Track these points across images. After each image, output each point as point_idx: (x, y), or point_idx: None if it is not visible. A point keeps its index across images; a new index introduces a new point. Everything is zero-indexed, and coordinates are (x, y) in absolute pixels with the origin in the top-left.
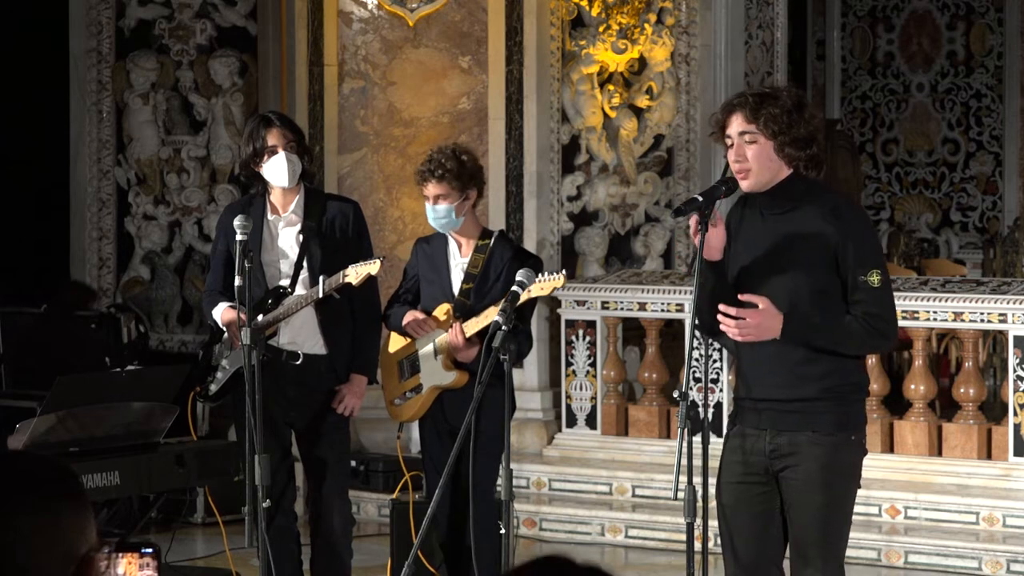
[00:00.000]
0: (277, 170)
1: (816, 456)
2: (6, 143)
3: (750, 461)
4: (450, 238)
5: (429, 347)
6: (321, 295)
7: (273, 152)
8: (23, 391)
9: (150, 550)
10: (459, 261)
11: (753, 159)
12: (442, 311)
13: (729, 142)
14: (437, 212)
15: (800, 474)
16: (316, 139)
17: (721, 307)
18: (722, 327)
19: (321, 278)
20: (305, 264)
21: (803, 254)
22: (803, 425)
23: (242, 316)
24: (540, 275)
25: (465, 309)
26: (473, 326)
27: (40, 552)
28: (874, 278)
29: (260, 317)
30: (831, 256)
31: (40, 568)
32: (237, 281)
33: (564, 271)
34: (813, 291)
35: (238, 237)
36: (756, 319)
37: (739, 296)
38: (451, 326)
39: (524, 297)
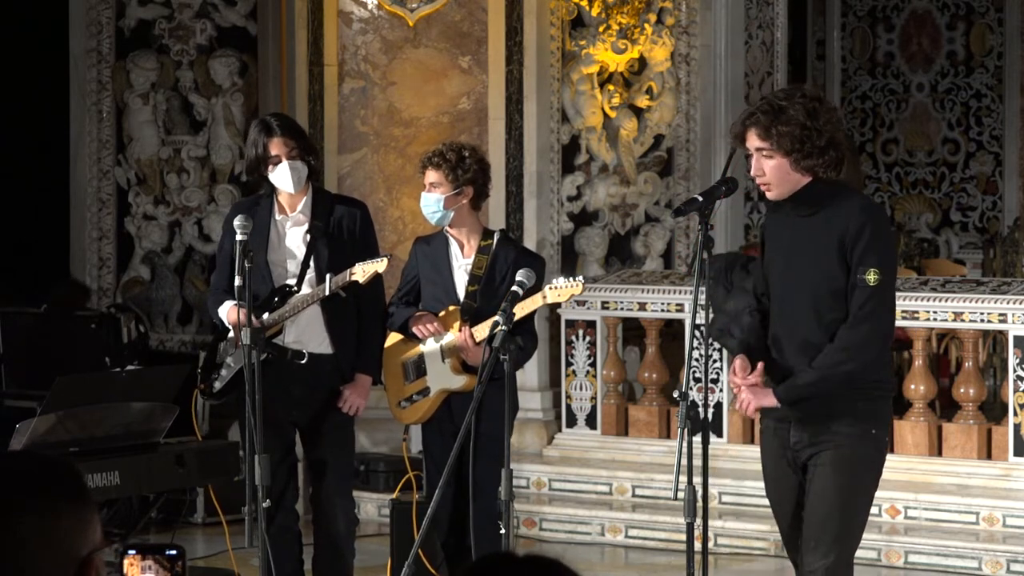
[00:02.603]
0: (282, 179)
1: (835, 447)
2: (6, 143)
3: (779, 454)
4: (450, 238)
5: (435, 350)
6: (327, 293)
7: (276, 162)
8: (23, 391)
9: (174, 552)
10: (462, 262)
11: (771, 174)
12: (450, 314)
13: (748, 155)
14: (427, 200)
15: (820, 462)
16: (316, 139)
17: (736, 368)
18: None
19: (328, 276)
20: (312, 264)
21: (824, 256)
22: (825, 418)
23: (242, 316)
24: (556, 280)
25: (472, 311)
26: (484, 330)
27: (41, 554)
28: (870, 277)
29: (266, 315)
30: (848, 252)
31: (41, 570)
32: (237, 281)
33: (582, 278)
34: (832, 292)
35: (238, 237)
36: (746, 393)
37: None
38: (460, 329)
39: (540, 303)
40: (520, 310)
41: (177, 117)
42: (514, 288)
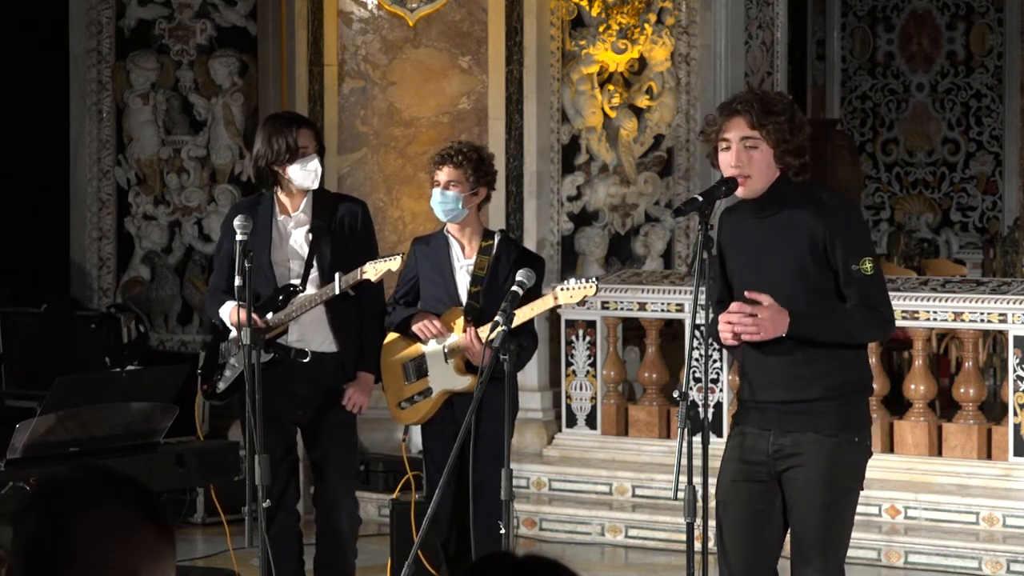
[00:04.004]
0: (308, 172)
1: (819, 457)
2: (6, 143)
3: (752, 460)
4: (451, 239)
5: (438, 350)
6: (337, 291)
7: (306, 154)
8: (23, 391)
9: None
10: (464, 263)
11: (755, 165)
12: (453, 315)
13: (725, 145)
14: (446, 197)
15: (802, 474)
16: None
17: (732, 308)
18: (737, 329)
19: (337, 275)
20: (315, 263)
21: (796, 254)
22: (806, 426)
23: (242, 316)
24: (568, 281)
25: (476, 312)
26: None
27: (105, 551)
28: (867, 266)
29: (271, 315)
30: (821, 251)
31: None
32: (237, 281)
33: (595, 279)
34: (808, 289)
35: (238, 237)
36: (765, 314)
37: (745, 293)
38: (464, 329)
39: (551, 304)
40: (530, 311)
41: (177, 117)
42: (514, 288)
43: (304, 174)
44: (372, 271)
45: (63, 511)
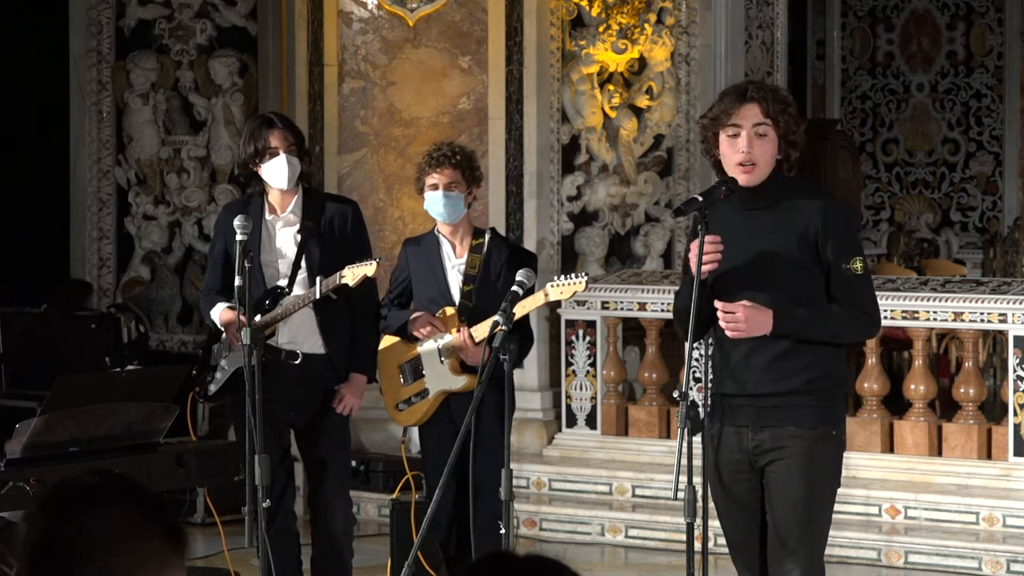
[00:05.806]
0: (277, 172)
1: (799, 450)
2: (6, 143)
3: (734, 459)
4: (442, 239)
5: (433, 350)
6: (318, 296)
7: (274, 154)
8: (23, 391)
9: None
10: (455, 263)
11: (761, 153)
12: (447, 314)
13: (733, 131)
14: (450, 199)
15: (783, 468)
16: (316, 139)
17: (716, 303)
18: (720, 323)
19: (318, 279)
20: (303, 264)
21: (786, 248)
22: (785, 420)
23: (242, 317)
24: (559, 278)
25: (469, 311)
26: (482, 329)
27: (114, 557)
28: (857, 265)
29: (258, 317)
30: (813, 248)
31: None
32: (237, 281)
33: (586, 274)
34: (795, 282)
35: (238, 237)
36: (744, 313)
37: (715, 303)
38: (458, 330)
39: (542, 301)
40: (521, 308)
41: (177, 117)
42: (514, 288)
43: (272, 173)
44: (350, 275)
45: (74, 514)
